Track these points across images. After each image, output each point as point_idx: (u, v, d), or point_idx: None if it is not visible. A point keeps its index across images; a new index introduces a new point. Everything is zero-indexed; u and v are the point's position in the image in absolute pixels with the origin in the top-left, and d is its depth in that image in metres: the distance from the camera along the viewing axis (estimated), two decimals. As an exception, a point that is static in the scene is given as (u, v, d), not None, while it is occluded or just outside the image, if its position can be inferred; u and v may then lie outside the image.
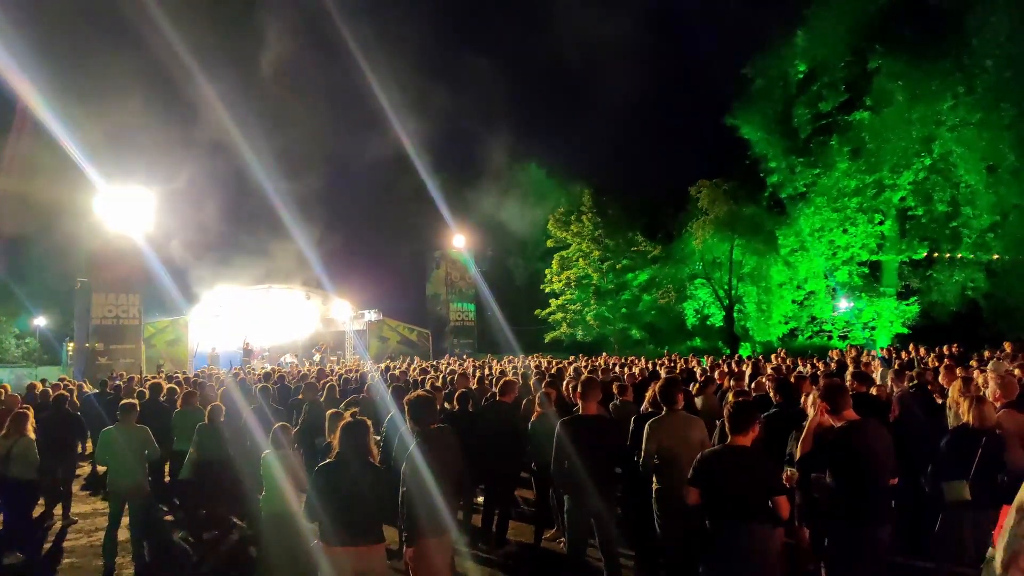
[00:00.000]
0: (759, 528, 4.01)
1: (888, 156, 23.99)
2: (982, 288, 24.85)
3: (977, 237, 24.19)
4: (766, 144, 26.23)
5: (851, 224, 25.01)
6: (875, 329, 25.68)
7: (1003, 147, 23.50)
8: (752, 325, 26.92)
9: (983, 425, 5.09)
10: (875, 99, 24.06)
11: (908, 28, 23.80)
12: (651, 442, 5.17)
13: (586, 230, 28.79)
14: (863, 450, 4.31)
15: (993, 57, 23.05)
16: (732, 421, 4.21)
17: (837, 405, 4.45)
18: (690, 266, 27.71)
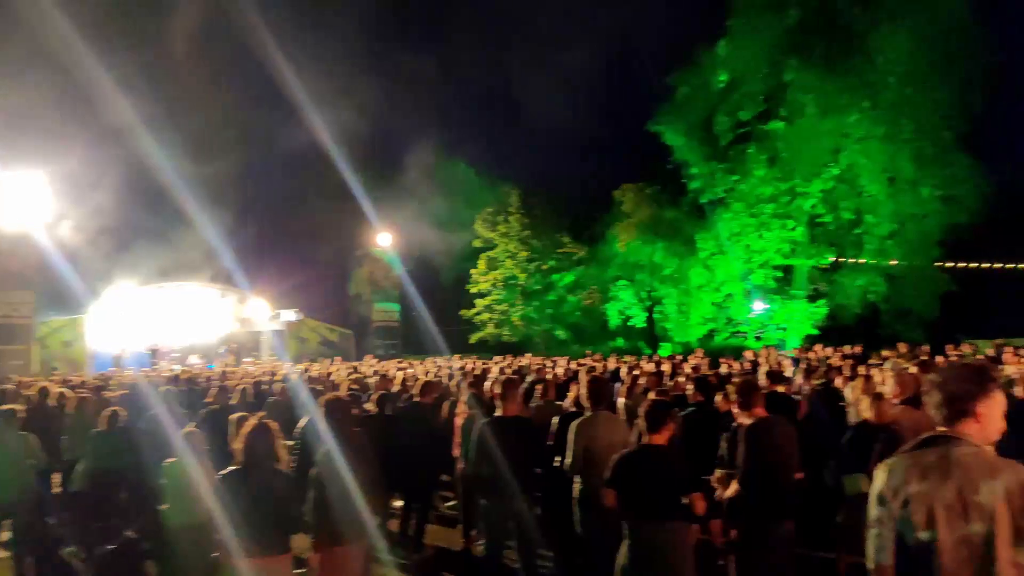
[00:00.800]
0: (673, 526, 4.06)
1: (800, 165, 24.89)
2: (882, 292, 26.16)
3: (878, 244, 25.52)
4: (688, 150, 26.83)
5: (766, 229, 25.78)
6: (787, 330, 26.71)
7: (902, 160, 24.90)
8: (672, 326, 27.50)
9: (881, 421, 5.26)
10: (789, 110, 24.98)
11: (820, 44, 24.84)
12: (576, 442, 5.08)
13: (513, 231, 28.77)
14: (769, 446, 4.42)
15: (895, 75, 24.40)
16: (648, 420, 4.24)
17: (749, 402, 4.56)
18: (614, 268, 28.08)
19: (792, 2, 25.02)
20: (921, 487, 2.19)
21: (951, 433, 2.24)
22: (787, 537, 4.49)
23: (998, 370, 8.80)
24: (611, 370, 13.82)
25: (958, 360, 2.71)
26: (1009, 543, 2.05)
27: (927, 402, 2.39)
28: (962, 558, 2.09)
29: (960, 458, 2.16)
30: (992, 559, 2.05)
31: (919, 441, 2.34)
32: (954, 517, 2.12)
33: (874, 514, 2.34)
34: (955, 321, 26.65)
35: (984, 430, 2.23)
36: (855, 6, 24.97)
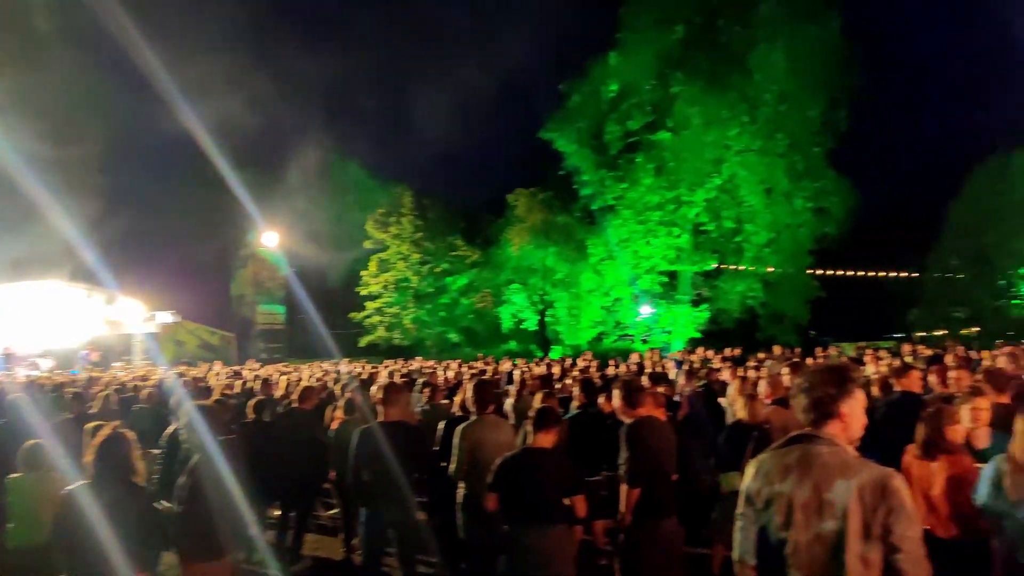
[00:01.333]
0: (555, 529, 4.05)
1: (685, 175, 25.88)
2: (759, 297, 27.61)
3: (756, 252, 26.91)
4: (579, 158, 27.29)
5: (653, 236, 26.63)
6: (671, 333, 27.68)
7: (778, 172, 26.40)
8: (563, 329, 27.89)
9: (754, 420, 5.46)
10: (676, 121, 25.83)
11: (704, 59, 25.94)
12: (461, 447, 5.04)
13: (406, 232, 28.27)
14: (648, 444, 4.50)
15: (771, 92, 25.83)
16: (534, 423, 4.25)
17: (634, 402, 4.67)
18: (507, 272, 28.17)
19: (678, 18, 26.01)
20: (782, 486, 2.25)
21: (815, 433, 2.30)
22: (670, 535, 4.58)
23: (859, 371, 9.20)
24: (504, 373, 13.79)
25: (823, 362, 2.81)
26: (859, 539, 2.10)
27: (794, 405, 2.43)
28: (815, 555, 2.15)
29: (819, 457, 2.22)
30: (842, 555, 2.11)
31: (785, 440, 2.39)
32: (810, 515, 2.18)
33: (740, 511, 2.41)
34: (823, 325, 28.65)
35: (848, 429, 2.30)
36: (736, 24, 26.29)
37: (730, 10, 26.34)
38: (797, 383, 2.43)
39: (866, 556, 2.11)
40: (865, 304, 32.57)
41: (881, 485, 2.12)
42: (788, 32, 25.61)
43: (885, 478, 2.14)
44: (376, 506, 4.87)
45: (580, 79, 27.00)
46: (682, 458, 5.04)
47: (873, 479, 2.14)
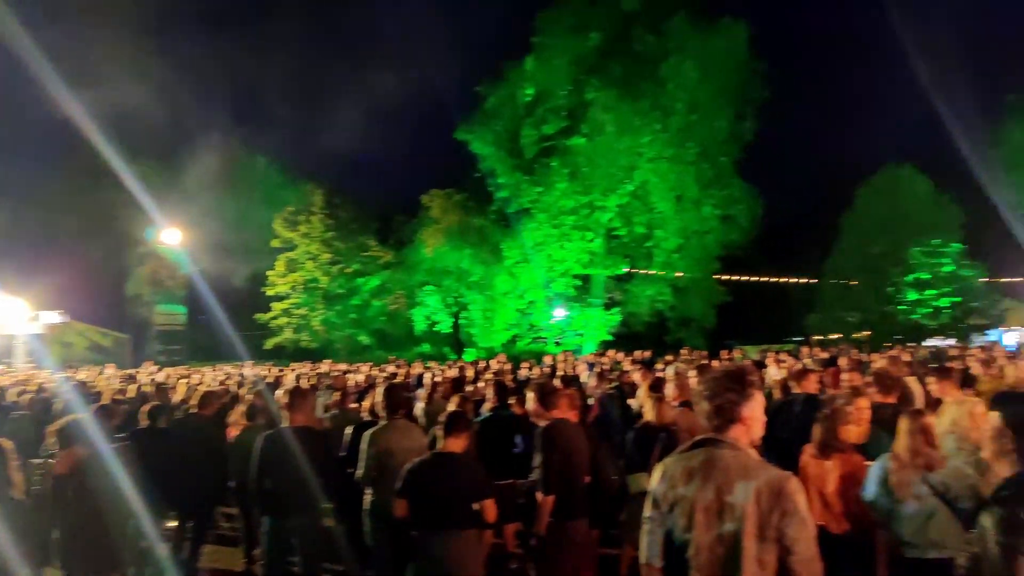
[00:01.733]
0: (464, 535, 4.03)
1: (599, 180, 26.34)
2: (668, 301, 28.48)
3: (666, 257, 27.72)
4: (495, 160, 27.31)
5: (567, 240, 26.97)
6: (584, 336, 28.09)
7: (688, 180, 27.25)
8: (477, 332, 27.83)
9: (661, 422, 5.50)
10: (590, 127, 26.24)
11: (618, 67, 26.42)
12: (369, 452, 4.87)
13: (316, 231, 27.47)
14: (562, 447, 4.49)
15: (682, 102, 26.60)
16: (445, 428, 4.21)
17: (548, 404, 4.68)
18: (421, 273, 27.85)
19: (593, 25, 26.45)
20: (686, 490, 2.29)
21: (718, 437, 2.33)
22: (582, 536, 4.61)
23: (760, 373, 9.44)
24: (415, 376, 13.57)
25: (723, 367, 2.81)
26: (755, 540, 2.15)
27: (697, 410, 2.46)
28: (716, 557, 2.20)
29: (721, 461, 2.27)
30: (740, 556, 2.15)
31: (689, 444, 2.43)
32: (711, 517, 2.22)
33: (647, 514, 2.43)
34: (729, 328, 29.73)
35: (749, 431, 2.35)
36: (649, 34, 26.87)
37: (644, 19, 26.95)
38: (699, 389, 2.45)
39: (762, 557, 2.16)
40: (768, 308, 34.10)
41: (777, 488, 2.17)
42: (698, 44, 26.47)
43: (781, 481, 2.19)
44: (280, 514, 4.75)
45: (497, 82, 27.04)
46: (593, 460, 5.07)
47: (770, 482, 2.18)
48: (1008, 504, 2.10)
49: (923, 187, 29.62)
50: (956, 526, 3.48)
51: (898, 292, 29.34)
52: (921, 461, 3.62)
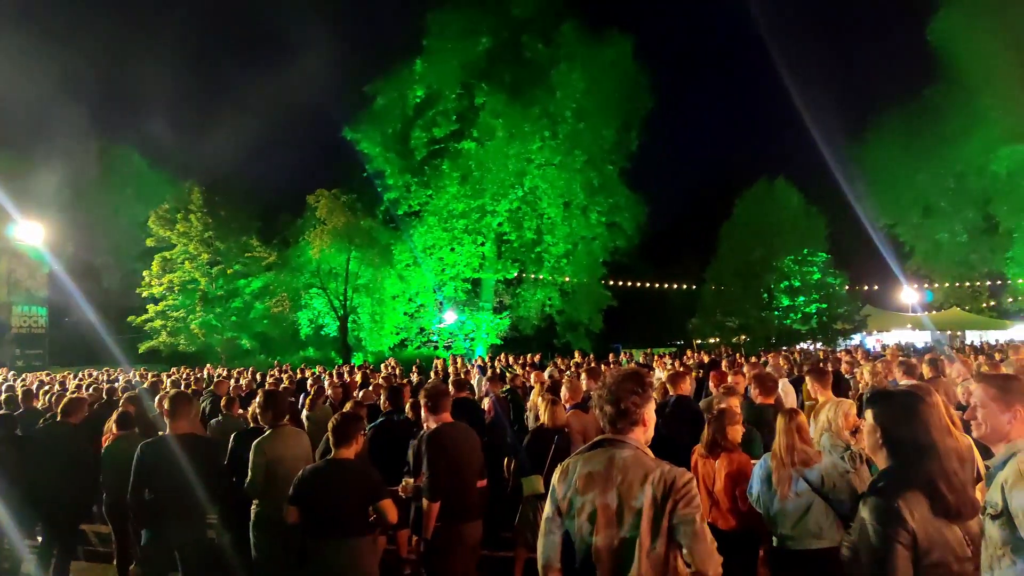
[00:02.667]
0: (358, 541, 3.98)
1: (490, 185, 26.63)
2: (557, 305, 29.16)
3: (555, 262, 28.36)
4: (384, 161, 27.10)
5: (458, 244, 27.13)
6: (474, 339, 28.35)
7: (576, 187, 28.03)
8: (365, 335, 27.52)
9: (555, 424, 5.62)
10: (481, 132, 26.50)
11: (508, 73, 26.81)
12: (256, 461, 4.71)
13: (194, 230, 26.30)
14: (453, 451, 4.45)
15: (571, 110, 27.32)
16: (336, 433, 4.12)
17: (437, 407, 4.58)
18: (307, 275, 27.25)
19: (483, 30, 26.65)
20: (587, 491, 2.32)
21: (619, 438, 2.38)
22: (473, 540, 4.56)
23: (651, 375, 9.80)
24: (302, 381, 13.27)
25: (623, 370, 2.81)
26: (653, 538, 2.21)
27: (598, 412, 2.49)
28: (616, 556, 2.24)
29: (623, 461, 2.31)
30: (640, 554, 2.20)
31: (590, 445, 2.45)
32: (612, 518, 2.26)
33: (547, 515, 2.42)
34: (614, 332, 30.80)
35: (647, 432, 2.43)
36: (539, 42, 27.42)
37: (533, 27, 27.46)
38: (601, 392, 2.47)
39: (660, 554, 2.23)
40: (651, 313, 35.58)
41: (671, 482, 2.25)
42: (586, 54, 27.27)
43: (675, 475, 2.27)
44: (160, 526, 4.58)
45: (386, 82, 26.81)
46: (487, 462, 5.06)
47: (667, 480, 2.25)
48: (883, 494, 2.20)
49: (795, 199, 31.72)
50: (833, 518, 3.73)
51: (772, 298, 31.25)
52: (798, 458, 3.83)
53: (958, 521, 2.18)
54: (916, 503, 2.13)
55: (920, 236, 32.42)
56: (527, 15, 27.25)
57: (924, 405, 2.30)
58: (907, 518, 2.10)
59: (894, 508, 2.12)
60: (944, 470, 2.18)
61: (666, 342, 32.42)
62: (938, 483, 2.16)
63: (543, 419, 5.75)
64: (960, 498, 2.17)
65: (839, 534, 3.71)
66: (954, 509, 2.15)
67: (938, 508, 2.14)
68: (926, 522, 2.12)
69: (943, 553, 2.13)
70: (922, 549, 2.10)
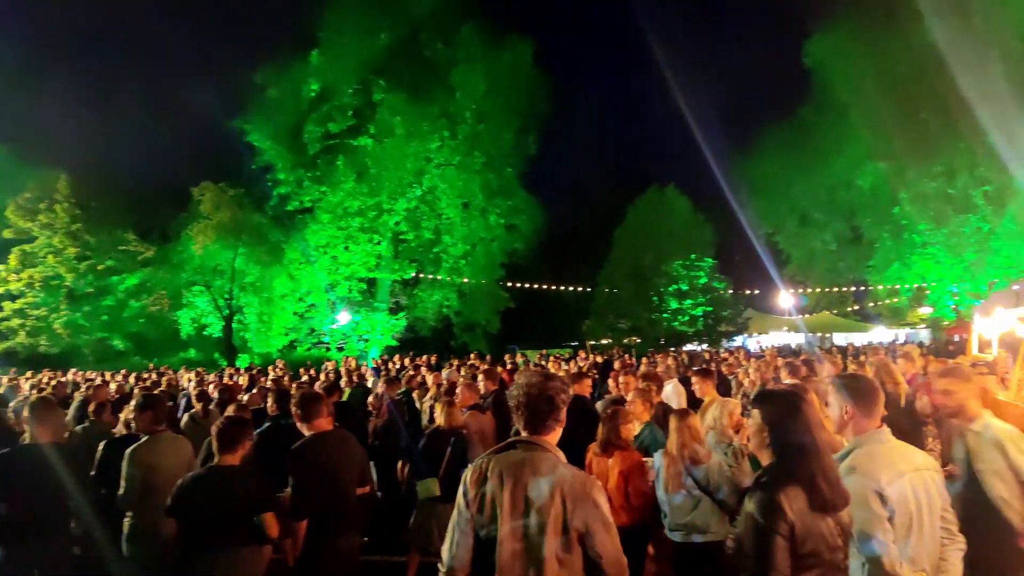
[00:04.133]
0: (242, 552, 3.87)
1: (387, 183, 26.33)
2: (455, 307, 29.31)
3: (453, 263, 28.52)
4: (276, 154, 26.25)
5: (353, 243, 26.66)
6: (368, 341, 28.04)
7: (475, 188, 28.28)
8: (252, 336, 26.58)
9: (452, 426, 5.64)
10: (378, 129, 26.16)
11: (407, 71, 26.66)
12: (131, 471, 4.54)
13: (60, 222, 24.41)
14: (328, 460, 4.32)
15: (471, 110, 27.57)
16: (220, 439, 4.00)
17: (309, 415, 4.39)
18: (188, 272, 25.98)
19: (382, 26, 26.34)
20: (496, 492, 2.34)
21: (533, 440, 2.43)
22: (349, 553, 4.42)
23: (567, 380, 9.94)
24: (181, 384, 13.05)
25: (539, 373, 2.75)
26: (556, 538, 2.27)
27: (515, 414, 2.51)
28: (522, 554, 2.28)
29: (533, 462, 2.36)
30: (541, 554, 2.26)
31: (505, 445, 2.48)
32: (517, 515, 2.30)
33: (456, 515, 2.44)
34: (511, 333, 31.34)
35: (558, 434, 2.49)
36: (438, 42, 27.49)
37: (433, 26, 27.46)
38: (519, 394, 2.49)
39: (563, 556, 2.28)
40: (547, 314, 36.50)
41: (581, 490, 2.32)
42: (487, 56, 27.60)
43: (585, 483, 2.35)
44: (19, 543, 4.29)
45: (279, 72, 26.01)
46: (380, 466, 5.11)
47: (574, 484, 2.32)
48: (766, 489, 2.33)
49: (684, 207, 33.41)
50: (719, 514, 3.94)
51: (661, 301, 32.80)
52: (687, 455, 4.05)
53: (832, 513, 2.33)
54: (795, 497, 2.27)
55: (796, 244, 34.90)
56: (426, 13, 27.16)
57: (805, 404, 2.45)
58: (787, 511, 2.24)
59: (775, 502, 2.26)
60: (822, 466, 2.34)
61: (561, 343, 33.26)
62: (817, 478, 2.30)
63: (438, 421, 5.76)
64: (835, 491, 2.33)
65: (724, 528, 4.01)
66: (830, 502, 2.31)
67: (816, 502, 2.29)
68: (803, 515, 2.26)
69: (817, 544, 2.28)
70: (799, 540, 2.25)
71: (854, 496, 2.44)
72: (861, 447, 2.67)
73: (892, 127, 24.68)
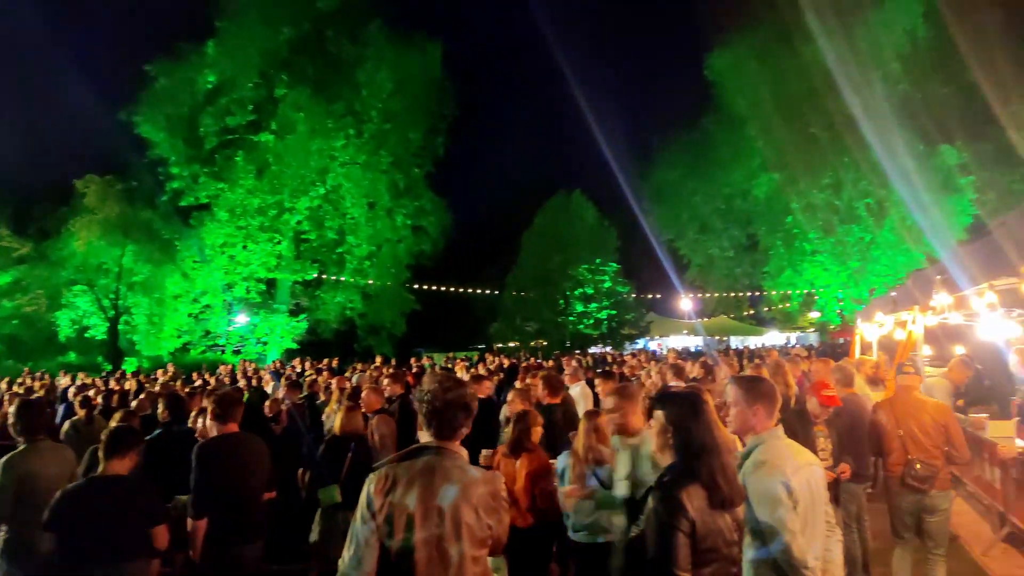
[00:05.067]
0: (129, 568, 3.71)
1: (289, 181, 25.77)
2: (359, 309, 28.99)
3: (357, 264, 28.23)
4: (169, 148, 25.11)
5: (252, 242, 25.97)
6: (268, 344, 27.41)
7: (381, 188, 28.14)
8: (141, 338, 25.44)
9: (351, 431, 5.59)
10: (280, 125, 25.51)
11: (310, 67, 26.20)
12: (5, 481, 4.31)
13: (-84, 214, 22.66)
14: (230, 464, 4.25)
15: (377, 109, 27.41)
16: (108, 447, 3.83)
17: (226, 416, 4.35)
18: (69, 270, 24.59)
19: (284, 19, 25.75)
20: (404, 498, 2.32)
21: (442, 446, 2.43)
22: (250, 562, 4.33)
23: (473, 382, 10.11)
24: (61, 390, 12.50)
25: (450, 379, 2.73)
26: (471, 539, 2.31)
27: (422, 419, 2.50)
28: (433, 560, 2.29)
29: (442, 469, 2.36)
30: (457, 555, 2.29)
31: (412, 450, 2.46)
32: (429, 522, 2.29)
33: (358, 525, 2.37)
34: (417, 336, 31.43)
35: (463, 436, 2.50)
36: (343, 38, 27.16)
37: (338, 22, 27.08)
38: (427, 401, 2.48)
39: (477, 555, 2.35)
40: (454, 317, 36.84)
41: (490, 489, 2.39)
42: (394, 55, 27.49)
43: (493, 482, 2.42)
44: None
45: (172, 62, 25.00)
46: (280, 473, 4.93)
47: (485, 485, 2.39)
48: (668, 487, 2.42)
49: (589, 212, 34.54)
50: (622, 513, 3.94)
51: (567, 304, 33.71)
52: (593, 456, 4.11)
53: (730, 509, 2.45)
54: (696, 495, 2.37)
55: (696, 250, 36.46)
56: (331, 9, 26.76)
57: (704, 404, 2.57)
58: (688, 509, 2.34)
59: (677, 499, 2.35)
60: (722, 464, 2.45)
61: (468, 346, 33.63)
62: (717, 476, 2.42)
63: (336, 427, 5.71)
64: (733, 488, 2.45)
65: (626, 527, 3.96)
66: (728, 499, 2.42)
67: (715, 499, 2.40)
68: (703, 512, 2.37)
69: (715, 539, 2.39)
70: (699, 536, 2.35)
71: (765, 489, 2.60)
72: (764, 443, 2.80)
73: (785, 140, 25.92)
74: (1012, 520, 6.17)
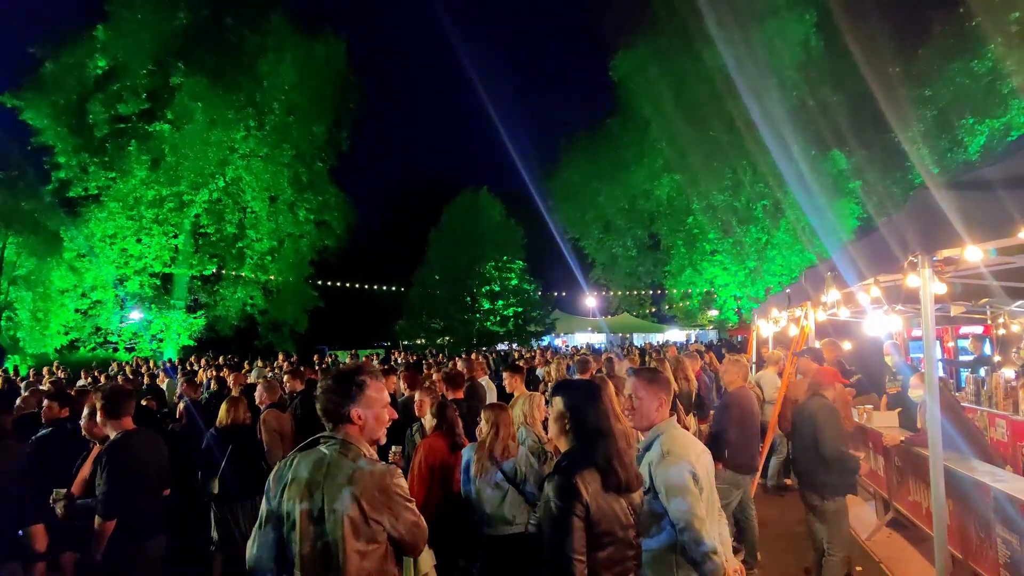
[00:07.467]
0: (6, 569, 3.72)
1: (187, 172, 25.66)
2: (260, 305, 29.11)
3: (258, 259, 28.36)
4: (55, 135, 24.66)
5: (147, 235, 25.74)
6: (163, 341, 27.33)
7: (283, 182, 28.40)
8: (25, 335, 24.95)
9: (235, 423, 5.90)
10: (176, 114, 25.40)
11: (208, 55, 26.01)
12: None
13: None
14: (141, 459, 4.28)
15: (279, 101, 27.66)
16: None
17: (117, 411, 4.28)
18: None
19: (180, 5, 25.68)
20: (293, 487, 2.38)
21: (332, 435, 2.47)
22: (155, 557, 4.32)
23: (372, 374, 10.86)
24: None
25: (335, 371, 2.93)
26: (355, 535, 2.31)
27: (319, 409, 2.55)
28: (317, 549, 2.32)
29: (330, 459, 2.39)
30: (342, 551, 2.30)
31: (310, 441, 2.53)
32: (315, 516, 2.33)
33: (262, 514, 2.46)
34: (320, 333, 31.96)
35: (365, 429, 2.49)
36: (244, 27, 27.23)
37: (239, 11, 27.21)
38: (316, 393, 2.58)
39: (365, 549, 2.34)
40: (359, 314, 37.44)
41: (381, 484, 2.37)
42: (297, 47, 27.73)
43: (385, 475, 2.40)
44: None
45: (59, 45, 24.53)
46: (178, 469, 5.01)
47: (374, 479, 2.36)
48: (564, 473, 2.45)
49: (496, 210, 35.71)
50: (525, 506, 4.20)
51: (474, 302, 34.89)
52: (498, 450, 4.22)
53: (626, 494, 2.53)
54: (591, 480, 2.43)
55: (600, 249, 37.28)
56: (230, -4, 26.99)
57: (602, 393, 2.63)
58: (583, 493, 2.39)
59: (572, 484, 2.39)
60: (618, 450, 2.51)
61: (373, 343, 34.29)
62: (613, 462, 2.47)
63: (219, 419, 5.91)
64: (629, 474, 2.52)
65: (529, 518, 4.21)
66: (624, 484, 2.49)
67: (611, 483, 2.46)
68: (598, 496, 2.42)
69: (611, 523, 2.44)
70: (594, 520, 2.40)
71: (674, 478, 2.72)
72: (664, 433, 2.91)
73: (687, 142, 27.01)
74: (895, 506, 6.53)
